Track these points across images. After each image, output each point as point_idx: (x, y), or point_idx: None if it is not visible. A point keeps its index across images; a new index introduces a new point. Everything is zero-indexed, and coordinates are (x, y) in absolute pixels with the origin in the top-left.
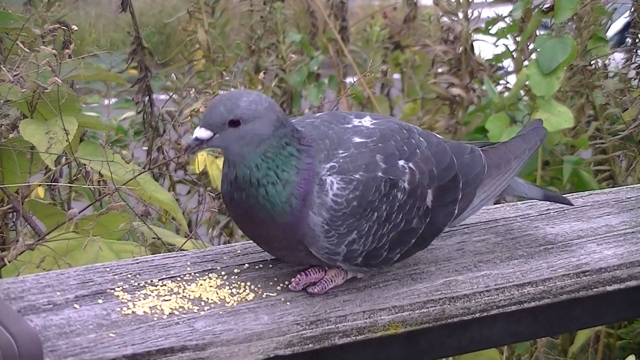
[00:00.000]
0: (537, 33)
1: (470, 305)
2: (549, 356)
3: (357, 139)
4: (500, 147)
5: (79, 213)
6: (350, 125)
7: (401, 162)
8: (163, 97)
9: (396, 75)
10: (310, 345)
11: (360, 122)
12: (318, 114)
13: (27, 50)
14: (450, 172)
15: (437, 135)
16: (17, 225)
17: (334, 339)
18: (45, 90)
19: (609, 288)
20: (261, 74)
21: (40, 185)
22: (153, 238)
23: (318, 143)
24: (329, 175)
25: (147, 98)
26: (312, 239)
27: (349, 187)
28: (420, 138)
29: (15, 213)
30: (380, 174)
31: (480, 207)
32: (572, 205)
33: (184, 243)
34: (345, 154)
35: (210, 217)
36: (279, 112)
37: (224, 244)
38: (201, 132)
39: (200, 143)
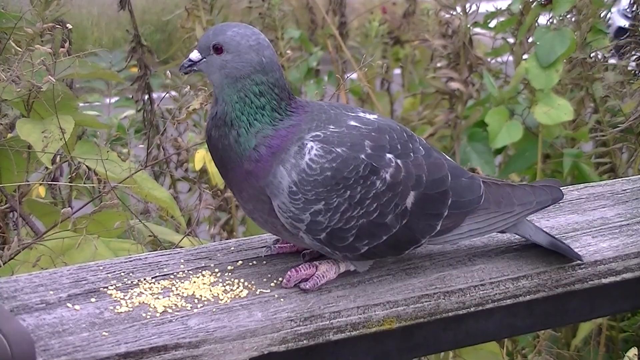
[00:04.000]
0: (536, 26)
1: (465, 299)
2: (551, 349)
3: (353, 122)
4: (506, 188)
5: (77, 212)
6: (353, 114)
7: (389, 155)
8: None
9: (397, 71)
10: (304, 341)
11: (364, 114)
12: (329, 102)
13: (20, 49)
14: (441, 186)
15: (444, 154)
16: (18, 225)
17: (328, 335)
18: (41, 89)
19: (604, 280)
20: None
21: (39, 184)
22: (149, 236)
23: (312, 114)
24: (311, 140)
25: (146, 96)
26: (275, 190)
27: (327, 156)
28: (420, 147)
29: (13, 212)
30: (363, 156)
31: (469, 237)
32: (582, 260)
33: (180, 240)
34: (335, 130)
35: (211, 214)
36: (267, 58)
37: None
38: (194, 54)
39: (191, 64)
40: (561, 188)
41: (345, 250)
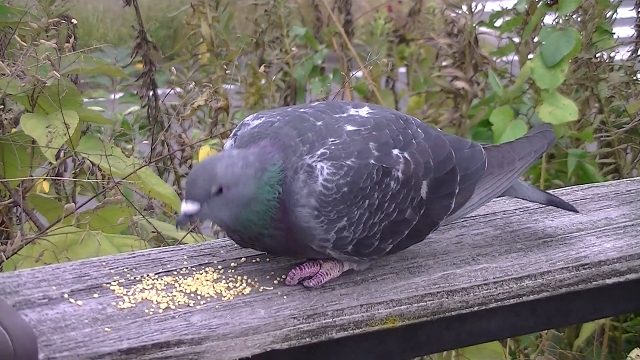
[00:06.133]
0: (542, 25)
1: (468, 298)
2: (554, 349)
3: (350, 127)
4: (504, 147)
5: (80, 207)
6: (344, 115)
7: (395, 151)
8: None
9: (402, 69)
10: (307, 339)
11: (356, 111)
12: (315, 103)
13: (25, 44)
14: (448, 165)
15: (438, 129)
16: (21, 220)
17: (331, 333)
18: (46, 85)
19: (608, 281)
20: (261, 68)
21: (43, 179)
22: (153, 232)
23: (296, 143)
24: (320, 161)
25: (151, 92)
26: (310, 236)
27: (340, 172)
28: (418, 130)
29: (17, 207)
30: (372, 161)
31: (480, 205)
32: (578, 212)
33: (184, 237)
34: (337, 142)
35: None
36: (257, 159)
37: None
38: (188, 207)
39: (189, 217)
40: (566, 191)
41: (373, 253)
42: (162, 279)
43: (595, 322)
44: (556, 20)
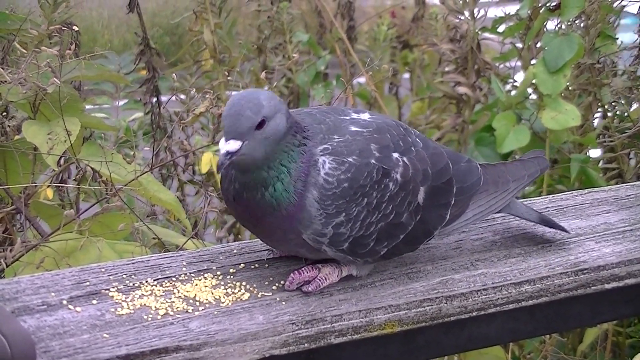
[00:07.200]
0: (544, 31)
1: (467, 304)
2: (557, 355)
3: (353, 128)
4: (499, 167)
5: (82, 213)
6: (347, 117)
7: (395, 155)
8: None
9: (405, 75)
10: (305, 344)
11: (358, 116)
12: (317, 107)
13: (25, 51)
14: (445, 175)
15: (436, 142)
16: (24, 227)
17: (329, 339)
18: (47, 91)
19: (607, 286)
20: (263, 74)
21: (47, 186)
22: (154, 238)
23: (314, 127)
24: (322, 155)
25: (154, 99)
26: (308, 220)
27: (341, 167)
28: (417, 139)
29: (19, 214)
30: (373, 161)
31: (473, 221)
32: (569, 232)
33: (184, 243)
34: (340, 139)
35: (217, 217)
36: (284, 104)
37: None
38: (231, 145)
39: (232, 156)
40: (565, 196)
41: (367, 255)
42: (160, 285)
43: (598, 327)
44: (559, 25)
